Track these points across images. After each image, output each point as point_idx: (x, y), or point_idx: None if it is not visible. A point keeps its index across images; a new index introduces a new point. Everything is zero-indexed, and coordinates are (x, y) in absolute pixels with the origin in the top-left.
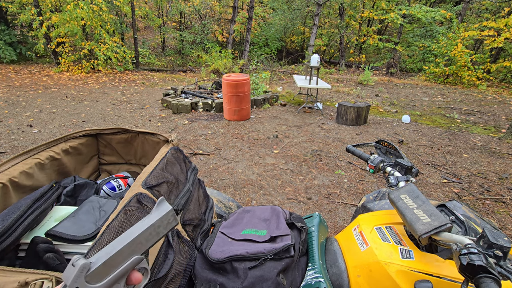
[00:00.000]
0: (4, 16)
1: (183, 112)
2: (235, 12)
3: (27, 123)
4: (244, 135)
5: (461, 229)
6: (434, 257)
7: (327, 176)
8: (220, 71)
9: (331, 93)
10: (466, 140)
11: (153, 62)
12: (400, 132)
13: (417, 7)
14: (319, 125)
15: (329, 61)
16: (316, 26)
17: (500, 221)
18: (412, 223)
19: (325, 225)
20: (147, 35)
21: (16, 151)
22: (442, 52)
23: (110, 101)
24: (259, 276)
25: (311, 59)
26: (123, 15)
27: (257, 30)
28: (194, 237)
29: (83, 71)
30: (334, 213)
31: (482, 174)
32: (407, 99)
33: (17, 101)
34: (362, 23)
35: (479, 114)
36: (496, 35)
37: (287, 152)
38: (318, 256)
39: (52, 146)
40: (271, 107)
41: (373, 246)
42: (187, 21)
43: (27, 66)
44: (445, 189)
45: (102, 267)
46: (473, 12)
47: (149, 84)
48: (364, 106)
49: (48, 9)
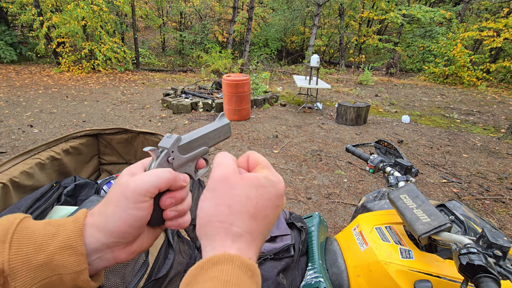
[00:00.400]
0: (5, 17)
1: (183, 112)
2: (235, 12)
3: (28, 123)
4: (244, 135)
5: (460, 229)
6: (433, 257)
7: (327, 176)
8: (220, 71)
9: (331, 93)
10: (466, 140)
11: (153, 62)
12: (399, 132)
13: (417, 7)
14: (319, 125)
15: (329, 61)
16: (316, 26)
17: (500, 221)
18: (411, 223)
19: (325, 225)
20: (147, 35)
21: (17, 151)
22: (442, 52)
23: (110, 101)
24: None
25: (311, 59)
26: (123, 15)
27: (257, 30)
28: (194, 237)
29: (83, 71)
30: (334, 213)
31: (481, 174)
32: (407, 99)
33: (17, 101)
34: (362, 23)
35: (479, 114)
36: (495, 35)
37: (287, 152)
38: (318, 256)
39: (52, 146)
40: (271, 107)
41: (373, 246)
42: (187, 21)
43: (28, 66)
44: (444, 189)
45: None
46: (472, 12)
47: (149, 84)
48: (364, 106)
49: (48, 10)
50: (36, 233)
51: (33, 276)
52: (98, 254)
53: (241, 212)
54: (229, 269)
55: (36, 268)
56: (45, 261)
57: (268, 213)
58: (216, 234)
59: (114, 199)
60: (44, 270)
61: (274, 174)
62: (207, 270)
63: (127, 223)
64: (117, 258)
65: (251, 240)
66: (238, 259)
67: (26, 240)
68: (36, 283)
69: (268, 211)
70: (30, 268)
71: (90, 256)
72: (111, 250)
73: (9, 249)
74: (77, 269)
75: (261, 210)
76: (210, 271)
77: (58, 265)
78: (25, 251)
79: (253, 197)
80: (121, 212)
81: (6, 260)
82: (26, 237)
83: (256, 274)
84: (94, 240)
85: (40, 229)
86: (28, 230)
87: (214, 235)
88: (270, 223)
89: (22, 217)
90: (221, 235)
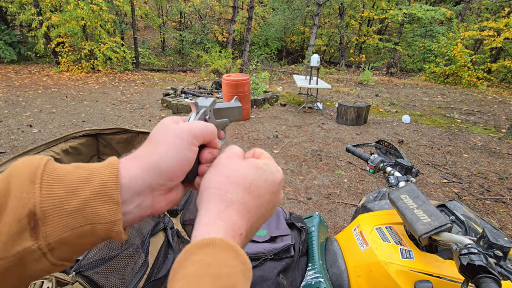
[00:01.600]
0: (4, 16)
1: (183, 112)
2: (235, 12)
3: (27, 123)
4: (244, 135)
5: (461, 229)
6: (434, 257)
7: (327, 176)
8: (220, 71)
9: (331, 93)
10: (466, 140)
11: (153, 62)
12: (400, 132)
13: (417, 6)
14: (319, 125)
15: (329, 61)
16: (316, 26)
17: (500, 221)
18: (412, 223)
19: (325, 225)
20: (147, 35)
21: (16, 151)
22: (442, 52)
23: (110, 101)
24: (259, 276)
25: (311, 59)
26: (123, 14)
27: (257, 30)
28: None
29: (83, 71)
30: (334, 213)
31: (482, 174)
32: (407, 99)
33: (17, 101)
34: (362, 23)
35: (479, 114)
36: (496, 35)
37: (287, 152)
38: (318, 256)
39: (51, 146)
40: (271, 107)
41: (373, 246)
42: (187, 21)
43: (27, 66)
44: (445, 189)
45: (219, 110)
46: (473, 12)
47: (149, 84)
48: (364, 106)
49: (47, 9)
50: (68, 176)
51: (65, 223)
52: (139, 199)
53: (237, 184)
54: (213, 252)
55: (69, 214)
56: (78, 207)
57: (262, 193)
58: (212, 199)
59: (166, 140)
60: (77, 217)
61: (275, 165)
62: (190, 255)
63: (179, 164)
64: (155, 206)
65: (243, 210)
66: (221, 241)
67: (57, 183)
68: (67, 231)
69: (263, 191)
70: (62, 214)
71: (129, 203)
72: (152, 196)
73: (40, 190)
74: (112, 219)
75: (256, 188)
76: (194, 255)
77: (92, 212)
78: (57, 194)
79: (250, 175)
80: (175, 152)
81: (38, 202)
82: (57, 179)
83: (240, 254)
84: (140, 182)
85: (70, 172)
86: (58, 172)
87: (210, 199)
88: (263, 204)
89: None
90: (215, 200)
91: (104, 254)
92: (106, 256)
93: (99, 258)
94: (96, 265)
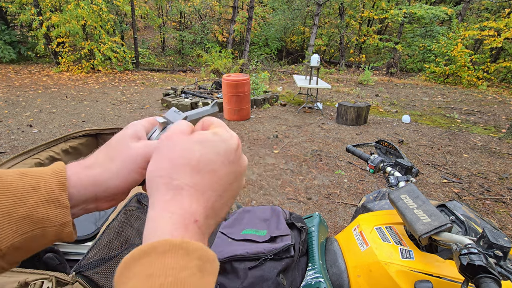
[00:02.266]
0: (4, 16)
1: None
2: (235, 12)
3: (27, 123)
4: (244, 135)
5: (461, 229)
6: (434, 257)
7: (327, 176)
8: (220, 71)
9: (331, 93)
10: (466, 140)
11: (153, 62)
12: (400, 132)
13: (417, 6)
14: (319, 125)
15: (329, 61)
16: (316, 26)
17: (500, 221)
18: (412, 223)
19: (325, 225)
20: (147, 35)
21: (16, 151)
22: (442, 52)
23: (110, 101)
24: (259, 276)
25: (311, 59)
26: (123, 14)
27: (257, 30)
28: None
29: (83, 71)
30: (334, 213)
31: (482, 174)
32: (407, 99)
33: (17, 101)
34: (362, 23)
35: (479, 114)
36: (496, 35)
37: (287, 152)
38: (318, 256)
39: (52, 146)
40: (271, 107)
41: (373, 246)
42: (187, 21)
43: (27, 66)
44: (445, 189)
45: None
46: (473, 12)
47: (149, 84)
48: (364, 106)
49: (48, 9)
50: (14, 185)
51: (15, 229)
52: (83, 205)
53: (182, 165)
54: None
55: (18, 220)
56: (27, 213)
57: (216, 167)
58: (157, 189)
59: (120, 158)
60: (27, 223)
61: (228, 130)
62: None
63: (127, 185)
64: (99, 207)
65: (195, 193)
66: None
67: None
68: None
69: (217, 166)
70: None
71: (75, 207)
72: (96, 203)
73: None
74: (62, 221)
75: (206, 164)
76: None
77: (41, 218)
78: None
79: (196, 150)
80: (126, 172)
81: None
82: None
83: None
84: (88, 192)
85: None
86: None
87: (156, 190)
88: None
89: None
90: (161, 190)
91: (104, 254)
92: (106, 256)
93: (99, 258)
94: (96, 265)
